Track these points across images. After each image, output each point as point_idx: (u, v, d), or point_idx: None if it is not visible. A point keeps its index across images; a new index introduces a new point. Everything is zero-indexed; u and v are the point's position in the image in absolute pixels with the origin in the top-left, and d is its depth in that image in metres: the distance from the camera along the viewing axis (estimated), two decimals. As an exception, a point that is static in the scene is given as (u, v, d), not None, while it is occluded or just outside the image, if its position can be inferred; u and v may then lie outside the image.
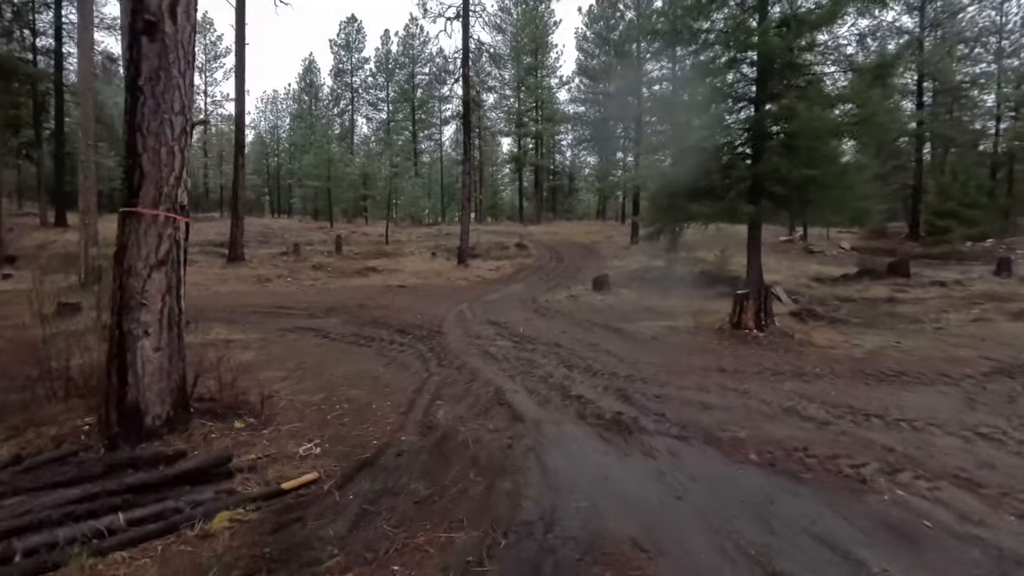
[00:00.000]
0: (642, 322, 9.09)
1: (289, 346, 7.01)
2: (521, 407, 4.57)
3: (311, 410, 4.30)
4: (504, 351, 7.00)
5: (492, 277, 18.47)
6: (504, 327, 8.86)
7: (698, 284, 14.95)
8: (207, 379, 4.30)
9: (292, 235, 26.99)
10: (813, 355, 6.58)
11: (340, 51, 47.86)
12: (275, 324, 8.86)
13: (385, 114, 49.14)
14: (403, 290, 14.73)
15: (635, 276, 17.45)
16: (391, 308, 11.09)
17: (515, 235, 29.90)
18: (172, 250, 3.33)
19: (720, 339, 7.44)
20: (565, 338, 7.90)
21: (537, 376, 5.73)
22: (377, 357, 6.57)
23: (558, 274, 19.09)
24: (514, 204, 56.66)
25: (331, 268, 19.35)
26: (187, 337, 7.07)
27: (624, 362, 6.44)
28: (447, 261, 21.50)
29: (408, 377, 5.59)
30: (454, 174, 52.08)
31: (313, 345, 7.16)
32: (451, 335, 8.16)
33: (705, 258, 20.50)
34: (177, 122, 3.25)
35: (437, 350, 7.05)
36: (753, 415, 4.41)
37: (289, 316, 10.00)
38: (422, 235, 30.40)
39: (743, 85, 12.87)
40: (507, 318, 9.81)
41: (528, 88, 45.58)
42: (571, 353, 6.90)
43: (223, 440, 3.32)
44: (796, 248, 26.30)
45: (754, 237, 13.73)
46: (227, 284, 15.39)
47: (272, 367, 5.78)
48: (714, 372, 5.93)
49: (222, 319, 9.20)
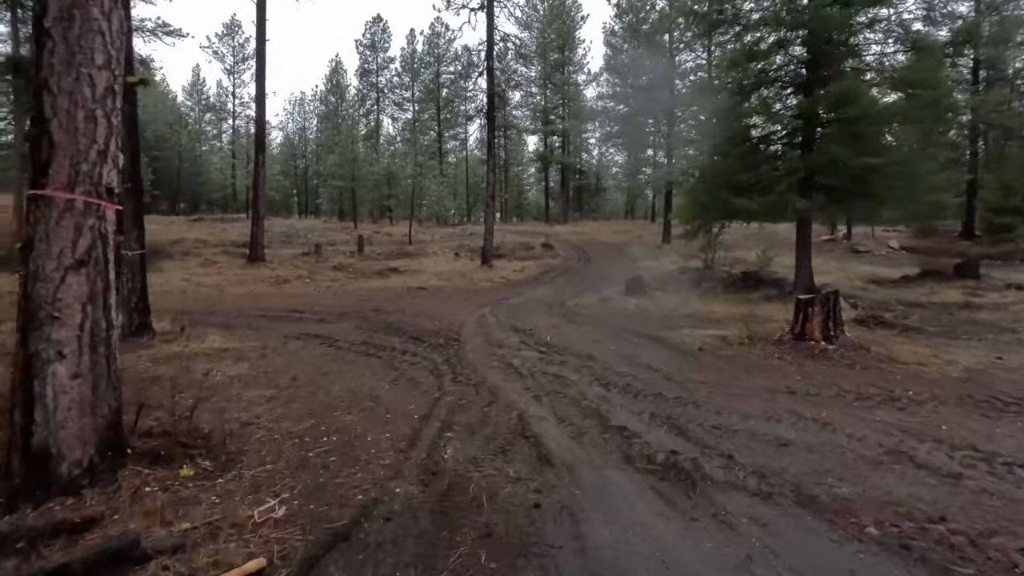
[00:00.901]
0: (684, 330, 8.08)
1: (289, 356, 6.27)
2: (550, 442, 3.69)
3: (291, 445, 3.49)
4: (529, 364, 6.12)
5: (517, 279, 17.60)
6: (529, 335, 7.97)
7: (740, 286, 13.79)
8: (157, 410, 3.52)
9: (315, 235, 26.62)
10: (899, 374, 5.50)
11: (366, 51, 47.68)
12: (281, 330, 8.16)
13: (410, 114, 48.78)
14: (423, 292, 13.98)
15: (670, 278, 16.35)
16: (408, 312, 10.32)
17: (541, 235, 28.97)
18: (96, 246, 2.56)
19: (781, 352, 6.40)
20: (598, 349, 6.97)
21: (568, 397, 4.83)
22: (385, 370, 5.76)
23: (586, 276, 18.10)
24: (540, 204, 55.71)
25: (351, 269, 18.77)
26: (174, 346, 6.44)
27: (670, 380, 5.49)
28: (470, 262, 20.71)
29: (416, 397, 4.75)
30: (479, 174, 51.41)
31: (316, 355, 6.40)
32: (470, 344, 7.32)
33: (744, 258, 19.25)
34: (100, 79, 2.48)
35: (453, 362, 6.21)
36: (849, 459, 3.42)
37: (299, 320, 9.31)
38: (446, 235, 29.72)
39: (792, 68, 11.72)
40: (532, 324, 8.92)
41: (555, 85, 44.59)
42: (606, 368, 5.97)
43: (159, 497, 2.53)
44: (840, 248, 24.70)
45: (804, 235, 12.55)
46: (243, 285, 14.90)
47: (261, 384, 5.02)
48: (781, 394, 4.93)
49: (224, 324, 8.56)
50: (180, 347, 6.19)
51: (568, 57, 44.70)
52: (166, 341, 6.46)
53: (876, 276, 15.38)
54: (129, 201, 6.51)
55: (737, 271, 16.49)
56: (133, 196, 6.50)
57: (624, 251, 24.81)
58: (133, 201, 6.50)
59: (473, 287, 15.53)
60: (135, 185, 6.48)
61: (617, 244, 26.95)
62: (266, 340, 7.19)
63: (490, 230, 19.41)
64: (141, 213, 6.58)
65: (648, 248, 24.80)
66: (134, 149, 6.51)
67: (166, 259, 18.80)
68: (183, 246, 21.54)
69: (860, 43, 11.43)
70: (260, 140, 19.53)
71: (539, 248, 24.79)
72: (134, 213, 6.52)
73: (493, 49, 19.42)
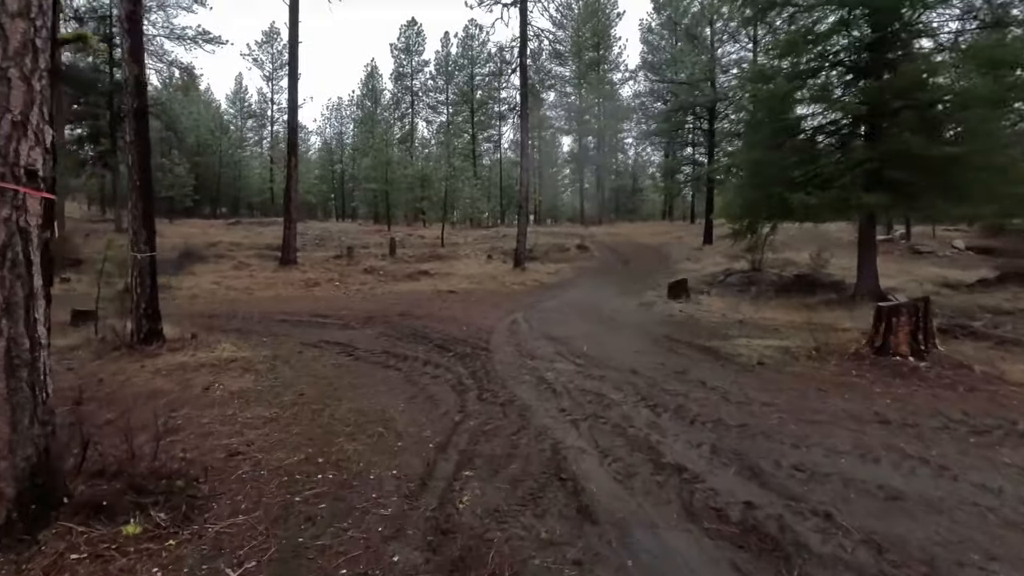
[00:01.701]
0: (739, 340, 7.21)
1: (301, 368, 5.74)
2: (591, 485, 2.98)
3: (276, 484, 2.90)
4: (565, 379, 5.41)
5: (550, 281, 16.89)
6: (564, 344, 7.26)
7: (794, 290, 12.69)
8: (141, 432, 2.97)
9: (349, 238, 26.57)
10: (1016, 399, 4.55)
11: (400, 55, 47.84)
12: (301, 336, 7.70)
13: (444, 116, 48.65)
14: (453, 296, 13.43)
15: (714, 281, 15.34)
16: (435, 317, 9.76)
17: (575, 236, 28.17)
18: (13, 244, 2.02)
19: (860, 369, 5.49)
20: (642, 361, 6.20)
21: (611, 423, 4.11)
22: (403, 385, 5.16)
23: (624, 279, 17.22)
24: (574, 206, 54.81)
25: (382, 272, 18.44)
26: (181, 356, 6.02)
27: (729, 401, 4.69)
28: (503, 264, 20.11)
29: (434, 420, 4.11)
30: (513, 176, 50.86)
31: (330, 367, 5.86)
32: (500, 353, 6.66)
33: (795, 260, 18.00)
34: (14, 30, 1.95)
35: (480, 375, 5.57)
36: (992, 524, 2.59)
37: (321, 326, 8.86)
38: (479, 237, 29.25)
39: (855, 50, 10.64)
40: (567, 331, 8.20)
41: (590, 84, 43.68)
42: (653, 384, 5.21)
43: (80, 570, 1.96)
44: (899, 248, 22.96)
45: (867, 234, 11.46)
46: (272, 289, 14.69)
47: (263, 401, 4.48)
48: (871, 424, 4.07)
49: (243, 330, 8.17)
50: (187, 356, 5.76)
51: (603, 55, 43.75)
52: (175, 349, 6.04)
53: (947, 279, 13.97)
54: (139, 201, 6.14)
55: (789, 273, 15.33)
56: (142, 196, 6.12)
57: (663, 253, 23.76)
58: (142, 201, 6.12)
59: (505, 290, 14.91)
60: (144, 184, 6.10)
61: (655, 245, 25.90)
62: (280, 348, 6.71)
63: (523, 231, 18.75)
64: (151, 214, 6.20)
65: (688, 249, 23.68)
66: (143, 147, 6.13)
67: (199, 262, 18.92)
68: (218, 249, 21.71)
69: (933, 20, 10.29)
70: (293, 143, 19.44)
71: (574, 250, 24.01)
72: (143, 214, 6.14)
73: (527, 46, 18.80)
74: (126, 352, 5.87)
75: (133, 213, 6.11)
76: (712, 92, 23.01)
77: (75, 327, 7.75)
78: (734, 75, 21.67)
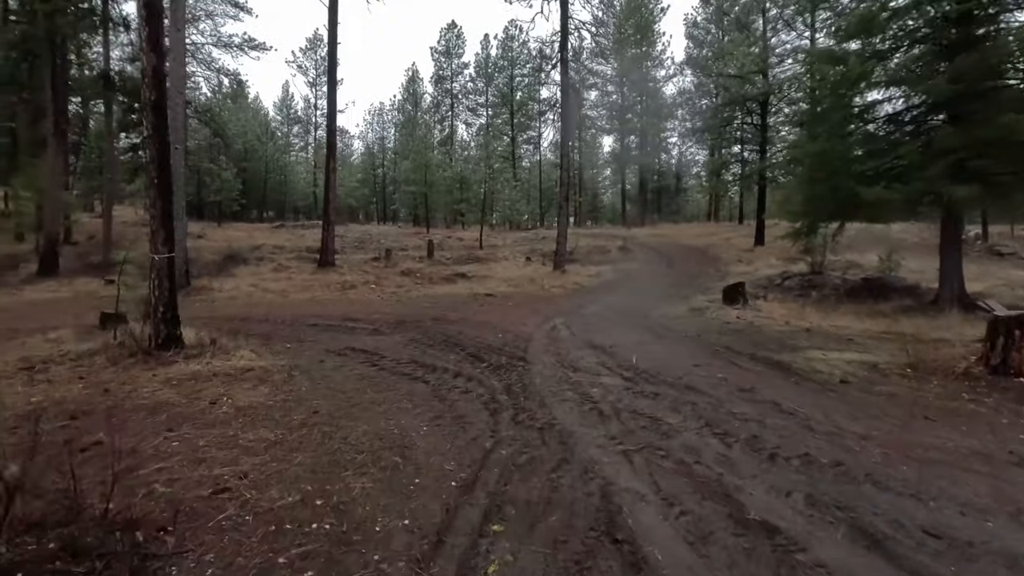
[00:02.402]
0: (811, 352, 6.31)
1: (320, 379, 5.26)
2: (656, 552, 2.30)
3: (259, 538, 2.35)
4: (612, 397, 4.72)
5: (592, 284, 16.11)
6: (610, 354, 6.55)
7: (863, 295, 11.50)
8: (92, 471, 2.46)
9: (388, 241, 26.51)
10: None
11: (440, 57, 47.94)
12: (327, 342, 7.26)
13: (484, 119, 48.41)
14: (490, 299, 12.86)
15: (770, 284, 14.22)
16: (470, 322, 9.20)
17: (617, 238, 27.23)
18: None
19: (974, 392, 4.56)
20: (701, 376, 5.43)
21: (672, 456, 3.40)
22: (429, 402, 4.58)
23: (670, 282, 16.26)
24: (615, 207, 53.61)
25: (419, 274, 18.09)
26: (195, 364, 5.63)
27: (813, 429, 3.90)
28: (542, 266, 19.45)
29: (461, 449, 3.50)
30: (553, 178, 50.16)
31: (352, 378, 5.35)
32: (538, 364, 6.02)
33: (858, 262, 16.61)
34: None
35: (516, 391, 4.94)
36: None
37: (350, 331, 8.43)
38: (518, 239, 28.68)
39: (938, 27, 9.48)
40: (613, 339, 7.48)
41: (632, 82, 42.51)
42: (717, 406, 4.46)
43: None
44: (975, 249, 20.99)
45: (952, 234, 10.22)
46: (308, 291, 14.50)
47: (271, 419, 3.99)
48: (1011, 467, 3.21)
49: (269, 334, 7.82)
50: (203, 365, 5.37)
51: (647, 51, 42.52)
52: (192, 356, 5.68)
53: (1042, 284, 12.44)
54: (157, 199, 5.82)
55: (854, 277, 14.04)
56: (161, 193, 5.80)
57: (710, 255, 22.56)
58: (161, 199, 5.80)
59: (544, 294, 14.24)
60: (162, 181, 5.77)
61: (701, 247, 24.67)
62: (303, 356, 6.27)
63: (563, 232, 18.03)
64: (169, 212, 5.87)
65: (738, 251, 22.39)
66: (162, 142, 5.80)
67: (241, 265, 19.08)
68: (261, 252, 21.93)
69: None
70: (331, 145, 19.37)
71: (616, 251, 23.12)
72: (162, 212, 5.81)
73: (567, 40, 18.09)
74: (142, 358, 5.54)
75: (152, 212, 5.80)
76: (765, 84, 21.68)
77: (104, 330, 7.57)
78: (788, 66, 20.33)
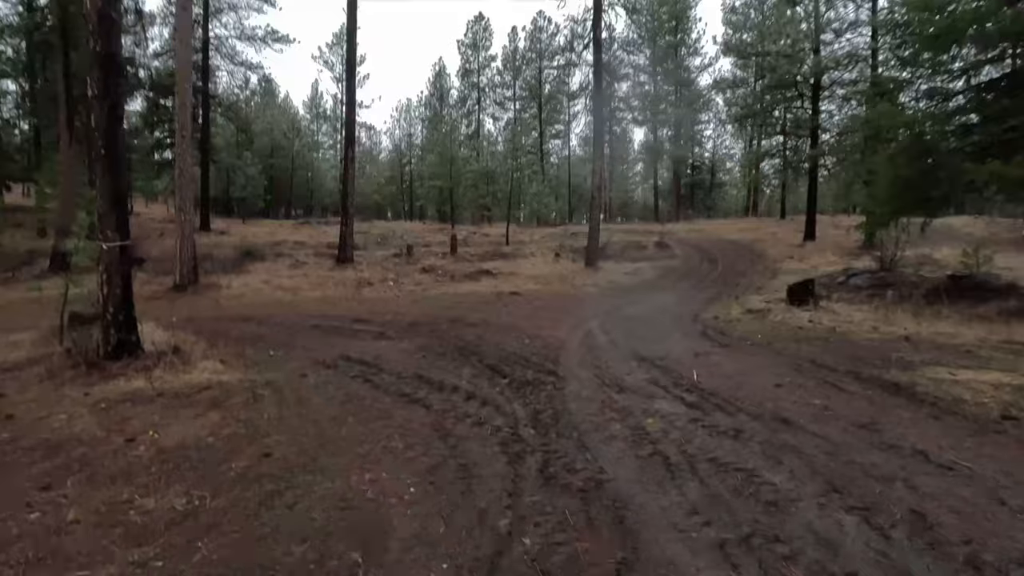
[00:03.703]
0: (931, 369, 4.85)
1: (294, 402, 4.09)
2: None
3: None
4: (678, 435, 3.42)
5: (628, 283, 14.69)
6: (663, 368, 5.23)
7: (953, 296, 9.81)
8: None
9: (412, 237, 25.57)
10: None
11: (467, 51, 46.88)
12: (320, 350, 6.13)
13: (511, 113, 47.13)
14: (515, 298, 11.61)
15: (833, 283, 12.54)
16: (492, 325, 7.98)
17: (652, 233, 25.60)
18: None
19: None
20: (791, 402, 4.07)
21: (803, 561, 2.08)
22: (427, 439, 3.36)
23: (716, 280, 14.71)
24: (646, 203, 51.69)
25: (440, 271, 16.98)
26: (140, 381, 4.47)
27: (1008, 506, 2.52)
28: (572, 263, 18.09)
29: (461, 535, 2.26)
30: (581, 174, 48.71)
31: (335, 400, 4.17)
32: (573, 382, 4.74)
33: (932, 257, 14.74)
34: None
35: (546, 421, 3.69)
36: None
37: (352, 335, 7.30)
38: (546, 235, 27.35)
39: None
40: (663, 348, 6.14)
41: (666, 71, 40.58)
42: (833, 453, 3.11)
43: None
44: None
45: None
46: (321, 289, 13.53)
47: (199, 468, 2.83)
48: None
49: (257, 338, 6.75)
50: (148, 381, 4.27)
51: (681, 39, 40.56)
52: (144, 368, 4.59)
53: None
54: (105, 174, 4.75)
55: (933, 274, 12.25)
56: (110, 168, 4.72)
57: (755, 250, 20.81)
58: (110, 175, 4.72)
59: (575, 292, 12.92)
60: (112, 153, 4.70)
61: (745, 243, 22.89)
62: (284, 368, 5.13)
63: (596, 225, 16.64)
64: (121, 191, 4.80)
65: (787, 247, 20.59)
66: (113, 105, 4.72)
67: (258, 261, 18.29)
68: (281, 248, 21.20)
69: None
70: (350, 135, 18.42)
71: (652, 247, 21.56)
72: (112, 192, 4.74)
73: (601, 17, 16.67)
74: (84, 371, 4.49)
75: (100, 192, 4.73)
76: (816, 62, 19.75)
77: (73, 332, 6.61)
78: (846, 41, 18.36)
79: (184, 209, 13.05)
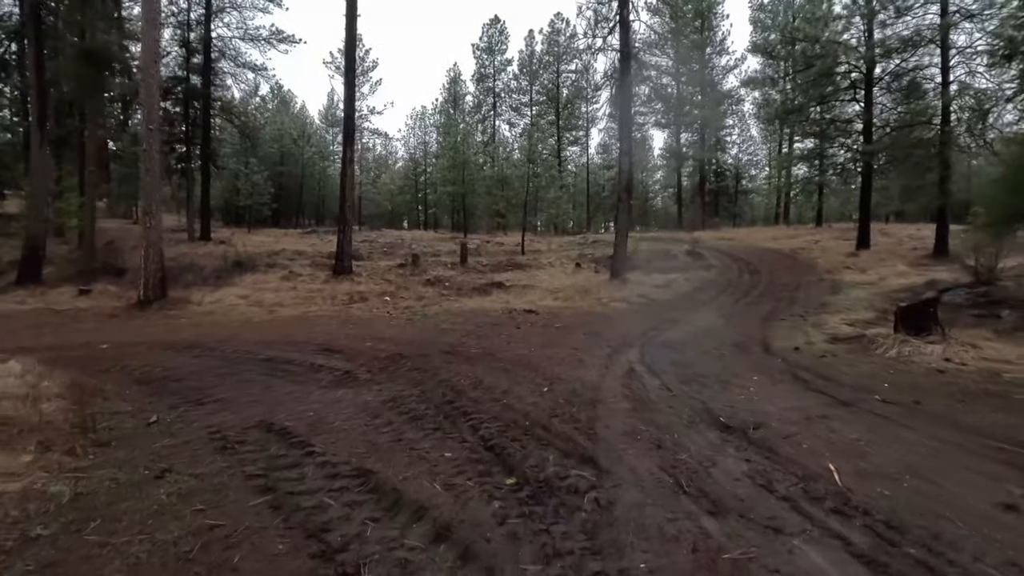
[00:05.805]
0: None
1: (100, 549, 2.13)
2: None
3: None
4: None
5: (663, 297, 12.58)
6: (766, 448, 3.17)
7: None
8: None
9: (421, 246, 23.78)
10: None
11: (482, 55, 45.37)
12: (240, 408, 4.20)
13: (528, 118, 45.38)
14: (530, 318, 9.61)
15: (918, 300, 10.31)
16: (498, 358, 5.98)
17: (680, 241, 23.40)
18: None
19: None
20: None
21: None
22: None
23: (765, 295, 12.51)
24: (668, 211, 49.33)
25: (447, 283, 15.07)
26: None
27: None
28: (596, 274, 16.02)
29: None
30: (599, 182, 46.67)
31: (188, 534, 2.20)
32: (627, 488, 2.73)
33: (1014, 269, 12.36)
34: None
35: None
36: None
37: (306, 377, 5.35)
38: (564, 243, 25.36)
39: None
40: (748, 403, 4.07)
41: (691, 71, 38.46)
42: None
43: None
44: None
45: None
46: (304, 305, 11.66)
47: None
48: None
49: (172, 379, 4.82)
50: None
51: (707, 38, 38.48)
52: None
53: None
54: None
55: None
56: None
57: (801, 260, 18.53)
58: None
59: (602, 310, 10.86)
60: None
61: (787, 252, 20.61)
62: (144, 455, 3.17)
63: (624, 231, 14.60)
64: None
65: (838, 256, 18.28)
66: None
67: (247, 272, 16.56)
68: (278, 258, 19.50)
69: None
70: (349, 133, 16.68)
71: (683, 257, 19.39)
72: None
73: (628, -2, 14.72)
74: None
75: None
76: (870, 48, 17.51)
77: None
78: (911, 18, 16.08)
79: (150, 213, 11.32)
